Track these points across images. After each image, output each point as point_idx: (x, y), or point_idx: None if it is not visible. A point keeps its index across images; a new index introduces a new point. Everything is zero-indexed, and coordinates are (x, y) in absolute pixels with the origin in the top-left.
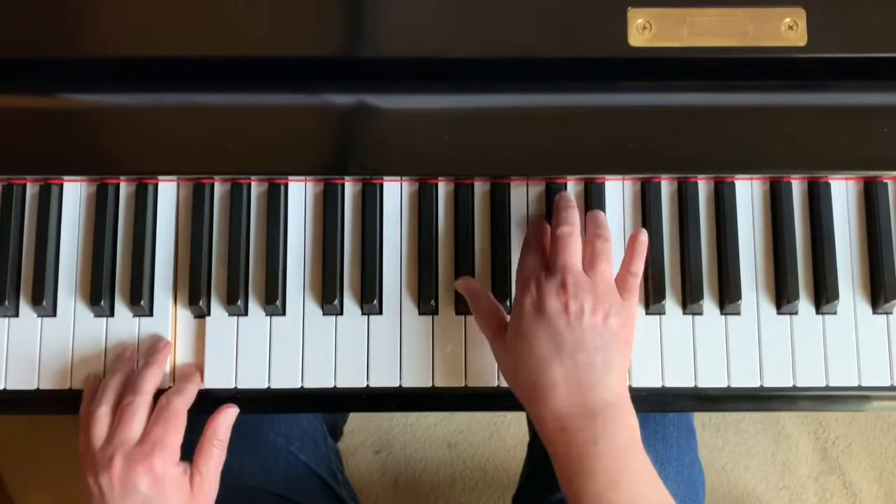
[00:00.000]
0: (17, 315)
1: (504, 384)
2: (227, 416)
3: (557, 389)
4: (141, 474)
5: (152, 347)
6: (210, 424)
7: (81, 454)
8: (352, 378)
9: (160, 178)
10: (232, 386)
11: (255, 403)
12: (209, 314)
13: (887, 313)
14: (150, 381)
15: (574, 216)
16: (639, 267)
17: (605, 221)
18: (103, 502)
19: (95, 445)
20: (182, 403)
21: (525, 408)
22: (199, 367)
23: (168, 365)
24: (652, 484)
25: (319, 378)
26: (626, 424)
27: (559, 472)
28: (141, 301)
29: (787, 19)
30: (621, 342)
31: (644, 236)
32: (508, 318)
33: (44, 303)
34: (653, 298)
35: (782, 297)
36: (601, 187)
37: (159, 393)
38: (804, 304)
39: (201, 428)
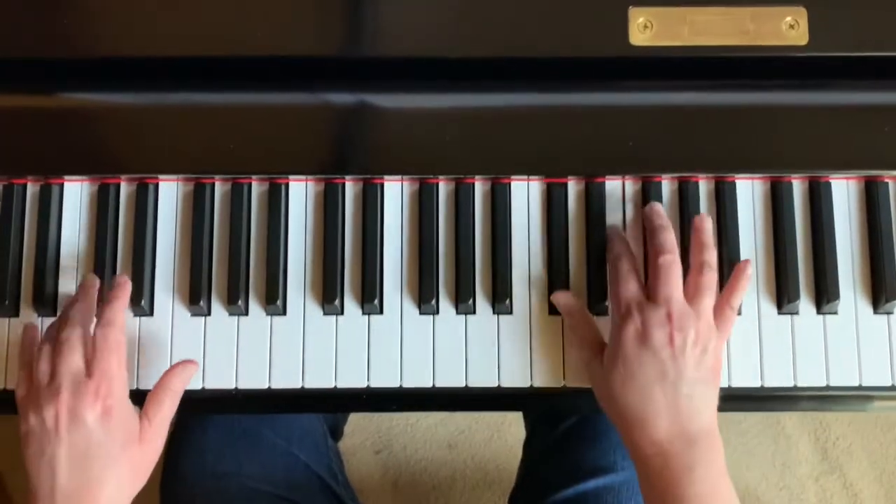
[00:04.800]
0: (17, 315)
1: (505, 384)
2: (186, 370)
3: (659, 418)
4: (89, 406)
5: (82, 284)
6: (165, 374)
7: (21, 397)
8: (352, 378)
9: (161, 177)
10: (232, 386)
11: (256, 403)
12: (209, 314)
13: (888, 313)
14: (80, 314)
15: (672, 239)
16: (738, 300)
17: (711, 242)
18: (47, 438)
19: (41, 380)
20: (116, 333)
21: (618, 430)
22: (120, 288)
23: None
24: None
25: (320, 378)
26: (717, 451)
27: (647, 497)
28: (141, 301)
29: (789, 18)
30: (715, 374)
31: (750, 269)
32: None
33: (44, 302)
34: None
35: (783, 297)
36: (602, 186)
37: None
38: (805, 304)
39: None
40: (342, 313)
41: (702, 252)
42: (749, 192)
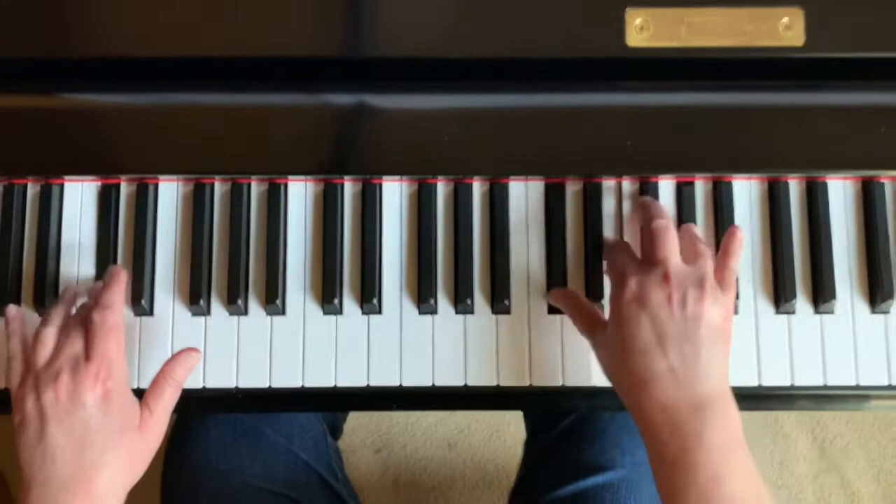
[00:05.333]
0: None
1: (504, 383)
2: (188, 359)
3: (662, 380)
4: (89, 388)
5: (96, 286)
6: (167, 363)
7: (15, 386)
8: (352, 377)
9: (161, 177)
10: (233, 385)
11: (256, 402)
12: (210, 314)
13: (885, 313)
14: (87, 310)
15: (665, 209)
16: (735, 263)
17: (701, 235)
18: (44, 423)
19: (39, 364)
20: (114, 315)
21: (626, 403)
22: (116, 275)
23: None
24: (753, 481)
25: (320, 377)
26: (731, 418)
27: (657, 468)
28: (142, 300)
29: (785, 19)
30: (723, 335)
31: (742, 233)
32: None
33: (45, 303)
34: None
35: (780, 297)
36: (599, 187)
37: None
38: (802, 304)
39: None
40: (342, 313)
41: (692, 236)
42: (746, 192)
